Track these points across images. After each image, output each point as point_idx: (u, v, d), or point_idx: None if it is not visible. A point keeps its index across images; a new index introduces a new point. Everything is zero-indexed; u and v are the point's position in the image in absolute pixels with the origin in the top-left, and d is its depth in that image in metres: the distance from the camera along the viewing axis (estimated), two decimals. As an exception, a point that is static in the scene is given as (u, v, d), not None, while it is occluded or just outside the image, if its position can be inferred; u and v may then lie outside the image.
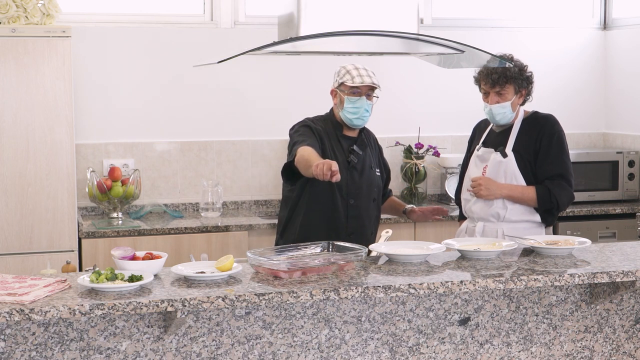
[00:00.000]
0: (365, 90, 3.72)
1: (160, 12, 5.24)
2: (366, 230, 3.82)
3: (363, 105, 3.72)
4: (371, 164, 3.86)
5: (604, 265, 3.14)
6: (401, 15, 3.57)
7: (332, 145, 3.77)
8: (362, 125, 3.80)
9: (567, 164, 3.83)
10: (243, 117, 5.29)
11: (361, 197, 3.78)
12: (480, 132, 4.06)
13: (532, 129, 3.84)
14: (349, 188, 3.74)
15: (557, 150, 3.82)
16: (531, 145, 3.82)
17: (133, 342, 2.82)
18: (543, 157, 3.80)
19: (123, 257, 2.95)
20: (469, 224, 3.96)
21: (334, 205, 3.73)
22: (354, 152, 3.78)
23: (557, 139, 3.82)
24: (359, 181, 3.77)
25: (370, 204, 3.83)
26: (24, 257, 4.45)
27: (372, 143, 3.95)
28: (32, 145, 4.43)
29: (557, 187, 3.78)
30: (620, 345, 3.35)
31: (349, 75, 3.70)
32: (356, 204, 3.77)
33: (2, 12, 4.38)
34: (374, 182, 3.84)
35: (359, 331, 3.05)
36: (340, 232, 3.72)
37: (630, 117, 5.77)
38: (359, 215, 3.78)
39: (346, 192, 3.74)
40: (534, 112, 3.93)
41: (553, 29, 5.87)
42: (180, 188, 5.21)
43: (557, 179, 3.79)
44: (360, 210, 3.78)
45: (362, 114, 3.73)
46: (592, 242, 3.55)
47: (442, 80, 5.52)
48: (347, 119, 3.75)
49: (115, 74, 5.09)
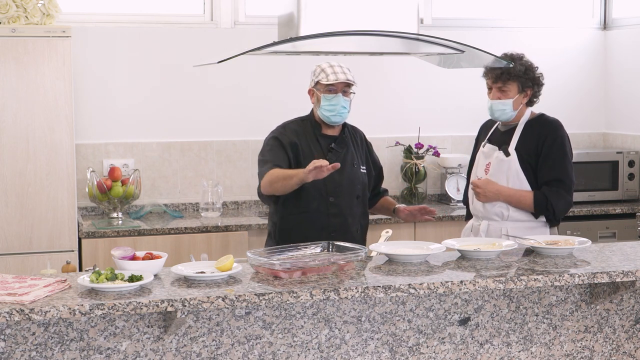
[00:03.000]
0: (340, 87, 3.74)
1: (160, 12, 5.24)
2: (350, 227, 3.81)
3: (339, 102, 3.73)
4: (353, 161, 3.85)
5: (604, 265, 3.14)
6: (401, 15, 3.57)
7: (309, 146, 3.79)
8: (340, 122, 3.81)
9: (567, 170, 3.80)
10: (243, 117, 5.29)
11: (342, 195, 3.79)
12: (486, 130, 4.06)
13: (535, 131, 3.83)
14: (328, 187, 3.75)
15: (558, 154, 3.80)
16: (532, 147, 3.81)
17: (133, 342, 2.82)
18: (543, 161, 3.79)
19: (123, 257, 2.95)
20: (474, 223, 3.96)
21: (314, 204, 3.75)
22: (332, 150, 3.80)
23: (559, 144, 3.80)
24: (338, 179, 3.77)
25: (353, 201, 3.83)
26: (24, 257, 4.45)
27: (358, 140, 3.94)
28: (32, 145, 4.43)
29: (554, 195, 3.76)
30: (620, 345, 3.35)
31: (324, 74, 3.74)
32: (337, 201, 3.78)
33: (2, 12, 4.38)
34: (356, 179, 3.84)
35: (359, 331, 3.05)
36: (323, 231, 3.73)
37: (630, 117, 5.77)
38: (340, 213, 3.78)
39: (326, 191, 3.76)
40: (540, 114, 3.92)
41: (553, 29, 5.87)
42: (180, 188, 5.22)
43: (555, 184, 3.77)
44: (342, 208, 3.78)
45: (339, 111, 3.75)
46: (592, 242, 3.54)
47: (442, 80, 5.53)
48: (324, 116, 3.78)
49: (115, 74, 5.10)
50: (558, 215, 3.81)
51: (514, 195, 3.79)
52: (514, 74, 3.78)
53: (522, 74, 3.80)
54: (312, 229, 3.73)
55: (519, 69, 3.78)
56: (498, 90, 3.82)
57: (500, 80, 3.80)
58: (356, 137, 3.95)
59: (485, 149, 3.95)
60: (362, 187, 3.88)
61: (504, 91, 3.82)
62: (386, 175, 5.48)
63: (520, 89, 3.82)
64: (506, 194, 3.80)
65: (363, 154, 3.95)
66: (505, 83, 3.80)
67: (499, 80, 3.80)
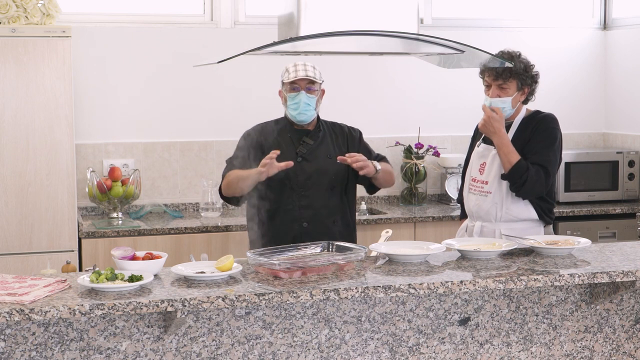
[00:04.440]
0: (303, 84, 3.75)
1: (160, 12, 5.24)
2: (323, 219, 3.79)
3: (302, 99, 3.74)
4: (328, 153, 3.83)
5: (604, 265, 3.14)
6: (401, 15, 3.57)
7: (282, 141, 3.79)
8: (307, 120, 3.80)
9: (550, 159, 3.76)
10: (243, 117, 5.26)
11: (312, 187, 3.78)
12: (482, 129, 4.06)
13: (529, 127, 3.84)
14: (298, 178, 3.76)
15: (545, 143, 3.77)
16: (526, 140, 3.81)
17: (133, 342, 2.82)
18: (529, 147, 3.77)
19: (123, 257, 2.95)
20: (469, 223, 3.96)
21: (285, 197, 3.76)
22: (303, 143, 3.81)
23: (548, 132, 3.79)
24: (308, 171, 3.77)
25: (327, 193, 3.81)
26: (24, 257, 4.45)
27: (336, 133, 3.91)
28: (32, 145, 4.44)
29: (534, 173, 3.72)
30: (620, 345, 3.35)
31: (287, 73, 3.78)
32: (306, 193, 3.78)
33: (2, 12, 4.38)
34: (328, 171, 3.81)
35: (359, 331, 3.05)
36: (295, 223, 3.75)
37: (630, 117, 5.77)
38: (310, 205, 3.78)
39: (295, 183, 3.77)
40: (535, 111, 3.92)
41: (553, 29, 5.87)
42: (180, 188, 5.22)
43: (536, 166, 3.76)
44: (312, 200, 3.78)
45: (302, 109, 3.75)
46: (592, 242, 3.54)
47: (442, 80, 5.53)
48: (291, 115, 3.80)
49: (115, 74, 5.10)
50: (525, 189, 3.72)
51: (508, 146, 3.75)
52: (514, 71, 3.78)
53: (522, 72, 3.80)
54: (285, 221, 3.75)
55: (519, 67, 3.79)
56: (498, 87, 3.82)
57: (501, 78, 3.80)
58: (335, 130, 3.93)
59: (480, 148, 3.95)
60: (335, 177, 3.83)
61: (504, 89, 3.81)
62: (386, 175, 5.52)
63: (519, 86, 3.82)
64: (502, 136, 3.75)
65: (346, 145, 3.89)
66: (505, 81, 3.80)
67: (500, 77, 3.80)
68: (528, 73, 3.83)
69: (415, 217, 4.99)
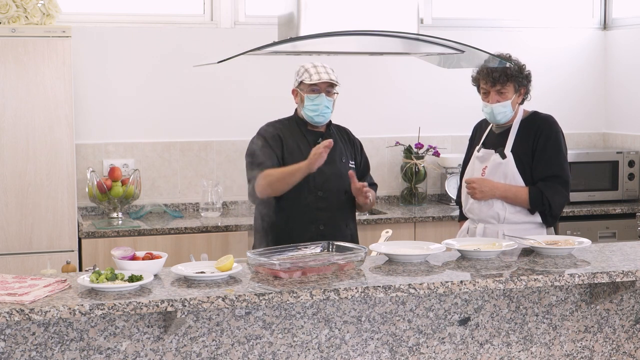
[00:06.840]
0: (324, 87, 3.75)
1: (160, 12, 5.24)
2: (339, 222, 3.81)
3: (322, 102, 3.75)
4: (342, 156, 3.85)
5: (604, 265, 3.14)
6: (401, 15, 3.57)
7: (296, 142, 3.79)
8: (324, 121, 3.82)
9: (563, 166, 3.81)
10: (243, 117, 5.28)
11: (330, 189, 3.79)
12: (480, 131, 4.06)
13: (530, 129, 3.84)
14: (316, 180, 3.75)
15: (554, 150, 3.80)
16: (528, 146, 3.81)
17: (133, 342, 2.82)
18: (539, 158, 3.79)
19: (123, 257, 2.95)
20: (470, 225, 3.96)
21: (303, 199, 3.75)
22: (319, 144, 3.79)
23: (554, 140, 3.81)
24: (327, 173, 3.77)
25: (342, 196, 3.82)
26: (24, 257, 4.45)
27: (344, 137, 3.94)
28: (32, 145, 4.44)
29: (550, 190, 3.75)
30: (620, 345, 3.35)
31: (307, 74, 3.76)
32: (325, 195, 3.78)
33: (2, 12, 4.38)
34: (343, 174, 3.81)
35: (359, 331, 3.05)
36: (312, 225, 3.74)
37: (630, 117, 5.77)
38: (329, 207, 3.78)
39: (314, 185, 3.76)
40: (533, 112, 3.92)
41: (553, 29, 5.87)
42: (180, 188, 5.22)
43: (551, 180, 3.77)
44: (330, 202, 3.78)
45: (322, 111, 3.76)
46: (592, 242, 3.54)
47: (442, 80, 5.52)
48: (308, 116, 3.79)
49: (115, 74, 5.10)
50: (554, 210, 3.79)
51: (510, 190, 3.78)
52: (510, 74, 3.79)
53: (517, 73, 3.81)
54: (301, 223, 3.74)
55: (514, 69, 3.79)
56: (497, 93, 3.82)
57: (499, 83, 3.80)
58: (342, 134, 3.95)
59: (480, 153, 3.94)
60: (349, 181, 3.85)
61: (503, 93, 3.81)
62: (386, 175, 5.52)
63: (516, 88, 3.83)
64: (502, 190, 3.79)
65: (352, 151, 3.93)
66: (503, 85, 3.80)
67: (497, 83, 3.80)
68: (522, 74, 3.84)
69: (415, 217, 4.99)
